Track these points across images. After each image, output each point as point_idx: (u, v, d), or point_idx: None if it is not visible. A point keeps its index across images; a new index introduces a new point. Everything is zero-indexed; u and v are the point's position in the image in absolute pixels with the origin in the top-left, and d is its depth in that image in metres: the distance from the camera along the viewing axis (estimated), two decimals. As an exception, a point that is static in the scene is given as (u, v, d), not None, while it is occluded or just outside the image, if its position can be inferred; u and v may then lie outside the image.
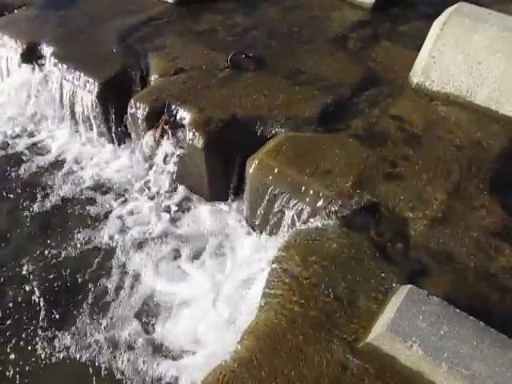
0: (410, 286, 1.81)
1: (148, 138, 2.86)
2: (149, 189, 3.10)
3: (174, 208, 2.98)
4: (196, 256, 2.72)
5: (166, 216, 2.95)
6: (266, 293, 1.92)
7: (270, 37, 3.46)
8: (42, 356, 2.29)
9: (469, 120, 2.76)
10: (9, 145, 3.47)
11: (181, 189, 3.06)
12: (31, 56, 3.46)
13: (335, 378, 1.65)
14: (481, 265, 2.04)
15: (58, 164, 3.34)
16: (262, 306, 1.89)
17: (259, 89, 2.90)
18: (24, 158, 3.38)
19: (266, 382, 1.64)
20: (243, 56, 3.12)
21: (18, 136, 3.55)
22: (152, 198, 3.04)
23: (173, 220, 2.93)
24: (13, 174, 3.24)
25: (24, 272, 2.64)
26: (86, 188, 3.15)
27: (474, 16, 2.74)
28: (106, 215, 2.98)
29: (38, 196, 3.09)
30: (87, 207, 3.03)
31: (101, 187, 3.16)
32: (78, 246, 2.79)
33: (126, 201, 3.06)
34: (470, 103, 2.82)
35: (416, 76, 2.96)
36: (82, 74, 3.14)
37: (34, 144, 3.49)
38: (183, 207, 2.99)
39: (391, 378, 1.65)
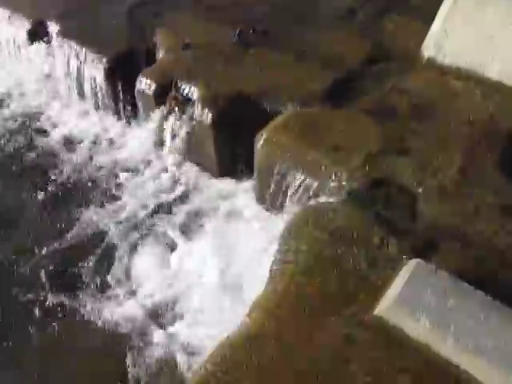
0: (418, 260, 1.82)
1: (156, 114, 2.86)
2: (157, 165, 3.10)
3: (181, 183, 3.00)
4: (201, 231, 2.74)
5: (173, 191, 2.96)
6: (274, 266, 1.94)
7: (278, 11, 3.40)
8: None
9: (481, 94, 2.71)
10: (16, 123, 3.49)
11: (189, 165, 3.06)
12: (38, 33, 3.45)
13: (343, 350, 1.66)
14: (489, 240, 2.02)
15: (66, 141, 3.36)
16: (270, 279, 1.91)
17: (267, 64, 2.87)
18: (32, 136, 3.40)
19: (274, 354, 1.65)
20: (251, 31, 3.08)
21: (27, 114, 3.56)
22: (160, 174, 3.05)
23: (180, 195, 2.95)
24: (22, 152, 3.27)
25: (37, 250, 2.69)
26: (94, 164, 3.18)
27: (487, -12, 2.66)
28: (114, 189, 3.01)
29: (48, 174, 3.12)
30: (96, 182, 3.06)
31: (109, 163, 3.18)
32: (90, 222, 2.83)
33: (134, 176, 3.07)
34: (482, 77, 2.76)
35: (428, 50, 2.91)
36: (89, 51, 3.12)
37: (42, 121, 3.51)
38: (191, 183, 3.00)
39: (398, 349, 1.67)
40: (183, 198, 2.94)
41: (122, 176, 3.09)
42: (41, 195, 2.98)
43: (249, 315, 1.79)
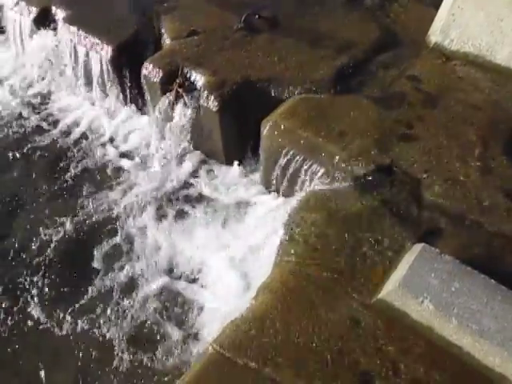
0: (422, 244, 1.84)
1: (163, 101, 2.87)
2: (164, 152, 3.11)
3: (188, 171, 3.01)
4: (208, 218, 2.76)
5: (178, 178, 2.97)
6: (280, 250, 1.96)
7: (285, -4, 3.38)
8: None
9: (488, 80, 2.69)
10: (21, 110, 3.50)
11: (196, 152, 3.07)
12: (44, 21, 3.44)
13: (348, 332, 1.69)
14: (494, 226, 2.03)
15: (73, 129, 3.36)
16: (277, 263, 1.93)
17: (273, 50, 2.86)
18: (36, 122, 3.40)
19: (280, 336, 1.69)
20: (257, 17, 3.06)
21: (34, 101, 3.57)
22: (167, 162, 3.06)
23: (186, 182, 2.96)
24: (27, 139, 3.27)
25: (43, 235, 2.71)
26: (101, 152, 3.18)
27: (496, -29, 2.63)
28: (121, 177, 3.02)
29: (52, 161, 3.13)
30: (103, 171, 3.06)
31: (116, 151, 3.19)
32: (99, 210, 2.84)
33: (140, 164, 3.08)
34: (489, 62, 2.74)
35: (434, 35, 2.89)
36: (95, 38, 3.12)
37: (47, 108, 3.51)
38: (198, 170, 3.01)
39: (402, 332, 1.69)
40: (189, 185, 2.95)
41: (127, 164, 3.10)
42: (43, 183, 2.98)
43: (255, 298, 1.83)
